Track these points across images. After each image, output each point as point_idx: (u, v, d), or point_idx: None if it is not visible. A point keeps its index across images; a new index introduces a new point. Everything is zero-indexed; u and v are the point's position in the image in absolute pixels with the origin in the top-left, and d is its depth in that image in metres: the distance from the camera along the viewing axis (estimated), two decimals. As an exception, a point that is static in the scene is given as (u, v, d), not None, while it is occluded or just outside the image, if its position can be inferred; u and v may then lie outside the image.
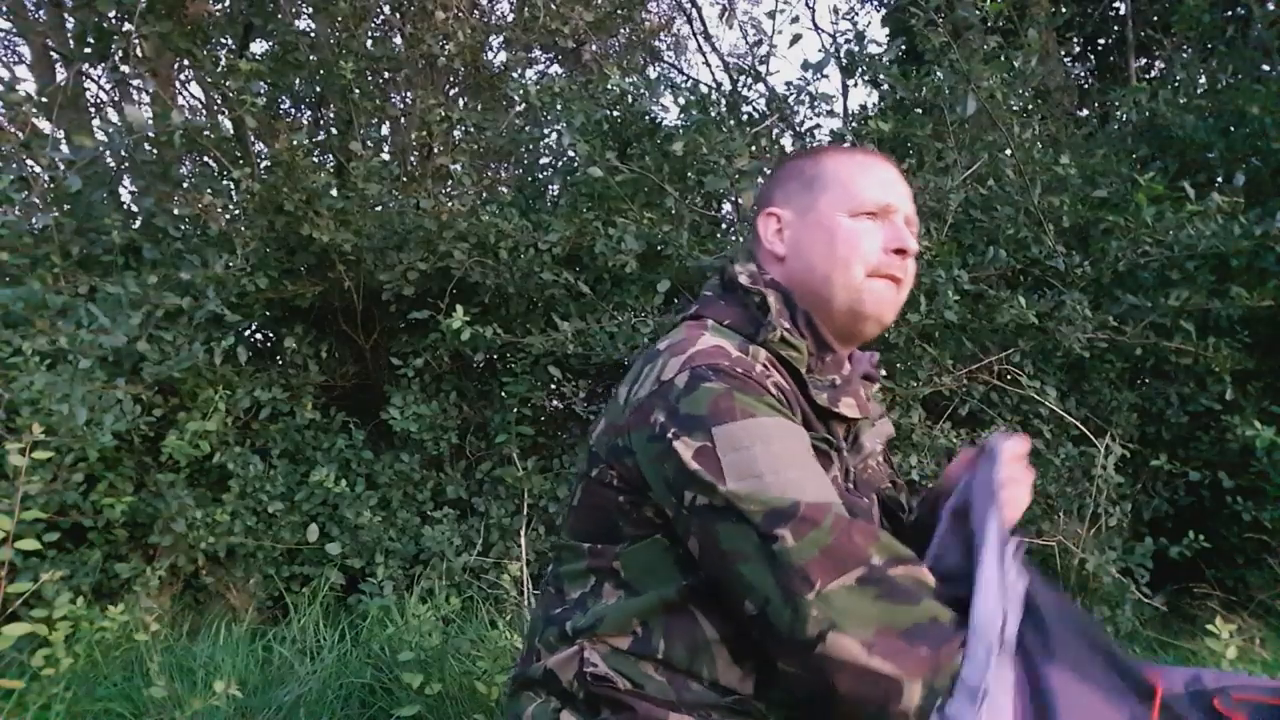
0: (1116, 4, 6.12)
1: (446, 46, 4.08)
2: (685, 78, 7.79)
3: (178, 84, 5.33)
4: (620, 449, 0.86)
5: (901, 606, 0.74)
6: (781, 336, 0.92)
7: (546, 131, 4.08)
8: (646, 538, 0.86)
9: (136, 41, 3.59)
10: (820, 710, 0.78)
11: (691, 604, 0.84)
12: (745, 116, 3.40)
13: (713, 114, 3.24)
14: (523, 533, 2.87)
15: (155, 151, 3.48)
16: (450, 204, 3.47)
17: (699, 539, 0.81)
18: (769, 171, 1.09)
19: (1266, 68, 3.92)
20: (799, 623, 0.73)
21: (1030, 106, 3.54)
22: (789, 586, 0.74)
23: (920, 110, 3.36)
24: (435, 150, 4.18)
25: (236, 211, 3.47)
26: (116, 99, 4.98)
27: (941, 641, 0.73)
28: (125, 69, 3.60)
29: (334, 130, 4.22)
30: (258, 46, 4.45)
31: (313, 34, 4.31)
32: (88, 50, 3.47)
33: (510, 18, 5.22)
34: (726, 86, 5.62)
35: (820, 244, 0.96)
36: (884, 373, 3.18)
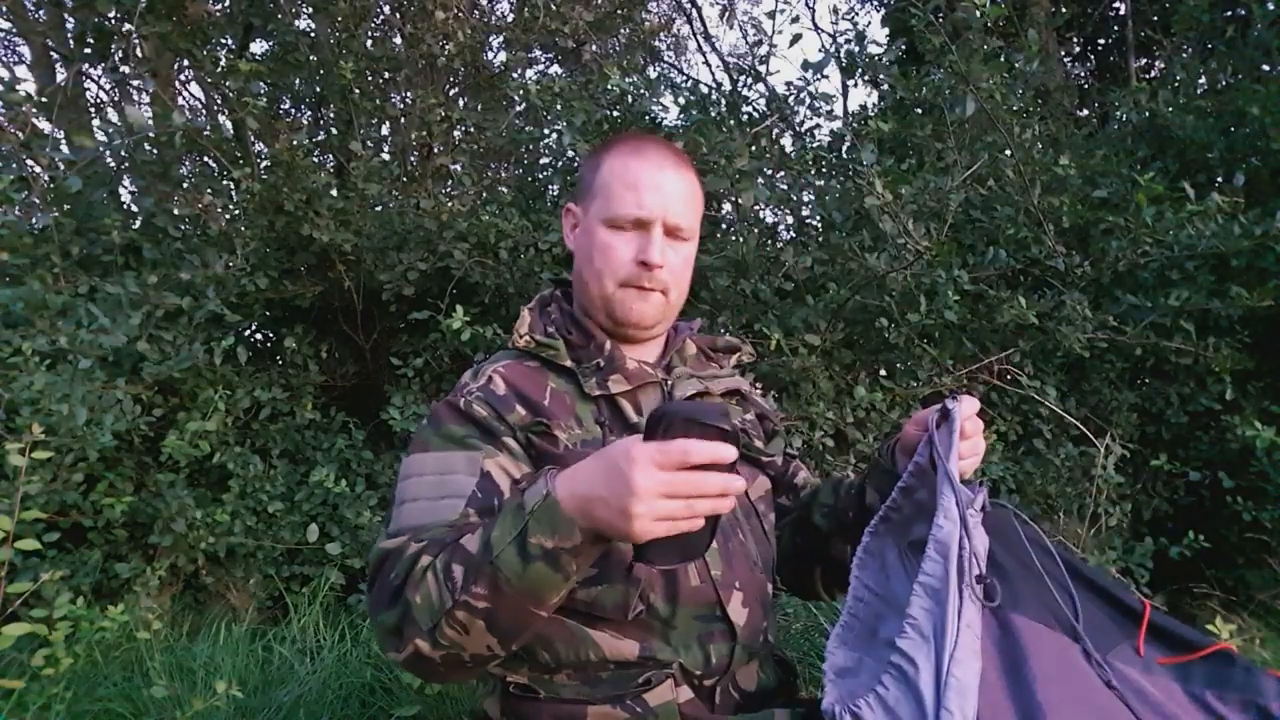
0: (1116, 4, 6.12)
1: (446, 46, 4.08)
2: (685, 78, 7.79)
3: (178, 84, 5.33)
4: None
5: (415, 598, 0.79)
6: (532, 341, 1.04)
7: (546, 131, 4.08)
8: None
9: (136, 41, 3.59)
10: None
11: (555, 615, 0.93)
12: (745, 116, 3.40)
13: (713, 114, 3.25)
14: (523, 533, 2.86)
15: (155, 151, 3.48)
16: (450, 204, 3.47)
17: None
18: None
19: (1266, 68, 3.92)
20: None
21: (1030, 107, 3.54)
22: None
23: (920, 110, 3.36)
24: (435, 150, 4.18)
25: (236, 211, 3.47)
26: (116, 99, 4.98)
27: (398, 595, 0.80)
28: (125, 69, 3.60)
29: (334, 130, 4.22)
30: (258, 46, 4.46)
31: (313, 34, 4.32)
32: (88, 50, 3.46)
33: (510, 18, 5.22)
34: (726, 86, 5.62)
35: (585, 251, 1.05)
36: (883, 372, 3.18)
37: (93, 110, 5.01)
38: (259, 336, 3.95)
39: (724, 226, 3.72)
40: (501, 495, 0.91)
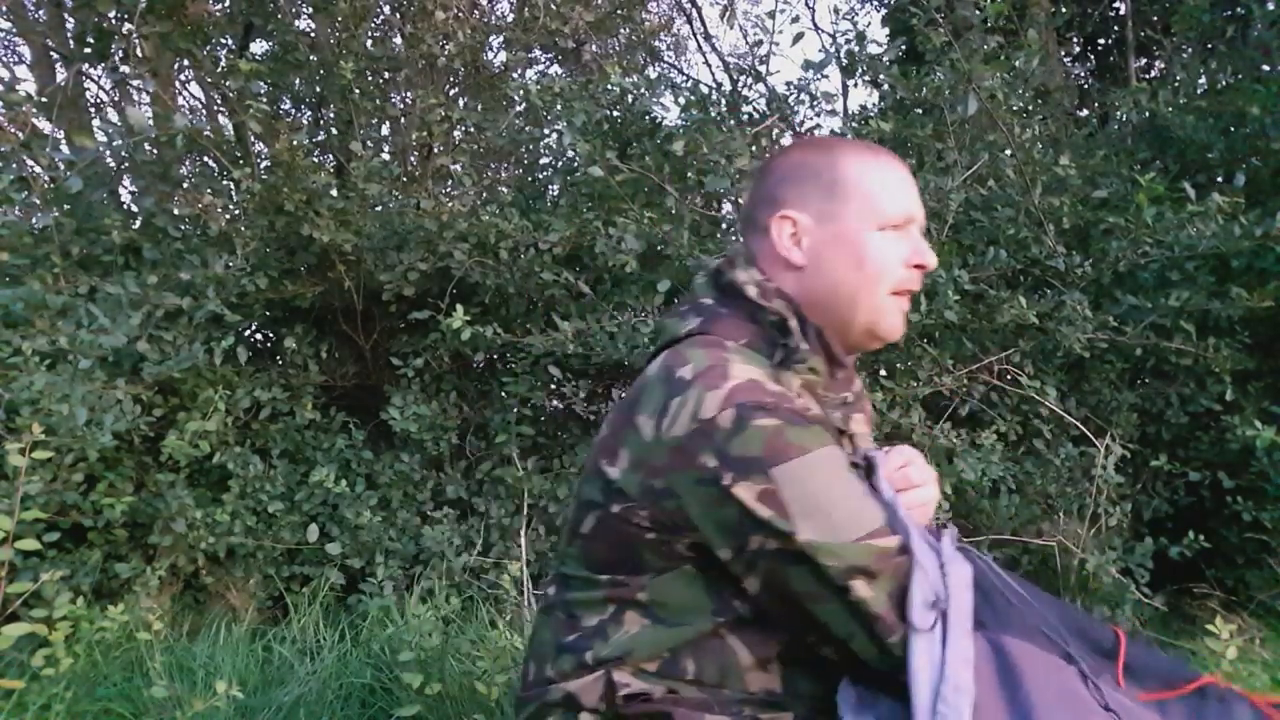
0: (1116, 4, 6.12)
1: (446, 46, 4.08)
2: (685, 78, 7.79)
3: (178, 84, 5.34)
4: (658, 491, 0.82)
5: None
6: (803, 362, 0.89)
7: (546, 131, 4.08)
8: (675, 568, 0.85)
9: (136, 41, 3.59)
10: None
11: (724, 631, 0.85)
12: (745, 116, 3.40)
13: (713, 114, 3.24)
14: (523, 533, 2.87)
15: (155, 152, 3.48)
16: (450, 204, 3.47)
17: (764, 579, 0.81)
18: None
19: (1266, 68, 3.92)
20: (886, 655, 0.79)
21: (1030, 107, 3.53)
22: (871, 630, 0.79)
23: (920, 110, 3.36)
24: (435, 150, 4.18)
25: (236, 211, 3.47)
26: (116, 99, 4.98)
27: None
28: (125, 69, 3.60)
29: (334, 130, 4.22)
30: (258, 46, 4.46)
31: (313, 34, 4.32)
32: (88, 50, 3.46)
33: (510, 18, 5.22)
34: (726, 86, 5.62)
35: (847, 259, 0.92)
36: (883, 372, 3.19)
37: (93, 110, 5.01)
38: (259, 336, 3.95)
39: (724, 226, 3.72)
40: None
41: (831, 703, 0.84)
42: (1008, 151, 3.02)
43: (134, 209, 3.54)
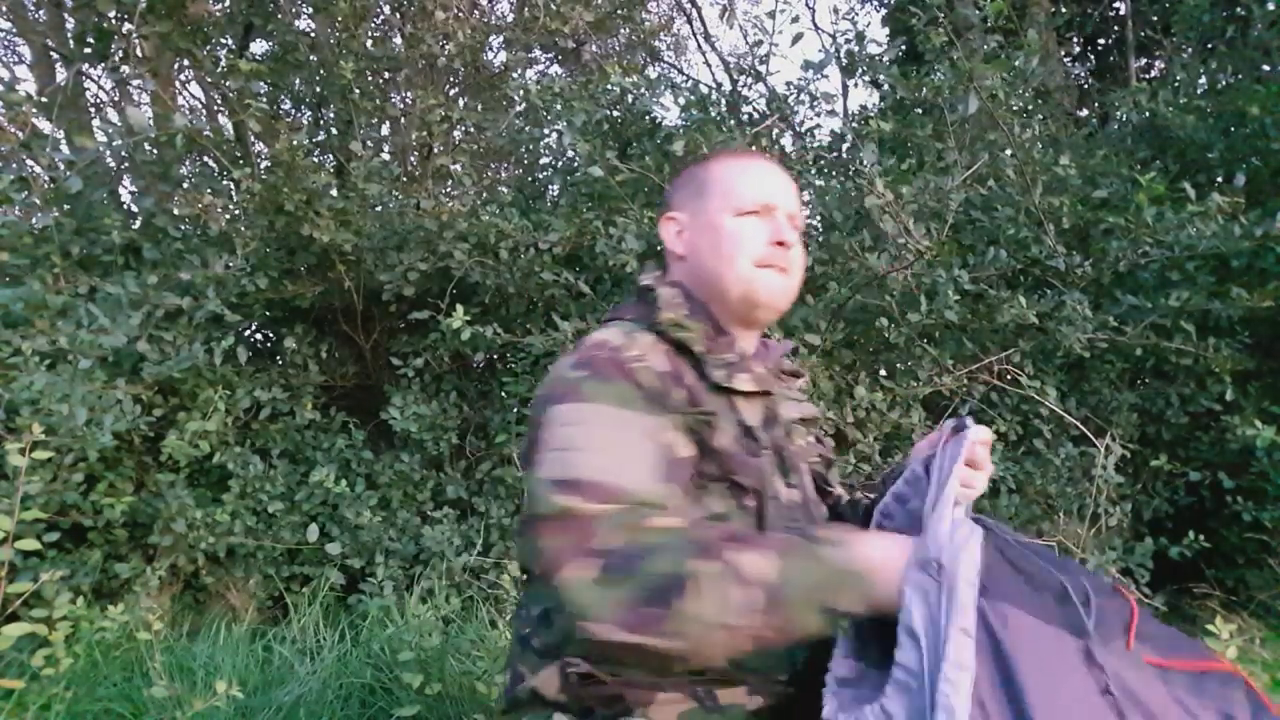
0: (1116, 4, 6.12)
1: (446, 46, 4.08)
2: (685, 78, 7.79)
3: (178, 84, 5.33)
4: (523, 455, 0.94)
5: (627, 580, 0.75)
6: (672, 320, 1.01)
7: (546, 131, 4.08)
8: None
9: (136, 41, 3.59)
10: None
11: None
12: (745, 116, 3.40)
13: (713, 114, 3.25)
14: (523, 533, 2.86)
15: (155, 152, 3.48)
16: (450, 204, 3.47)
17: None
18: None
19: (1266, 68, 3.92)
20: (557, 609, 0.77)
21: (1030, 106, 3.54)
22: (545, 570, 0.78)
23: (920, 110, 3.36)
24: (435, 150, 4.18)
25: (236, 211, 3.47)
26: (116, 99, 4.97)
27: (665, 595, 0.75)
28: (125, 69, 3.60)
29: (334, 130, 4.22)
30: (258, 46, 4.46)
31: (313, 34, 4.32)
32: (88, 50, 3.46)
33: (510, 18, 5.22)
34: (726, 86, 5.62)
35: (710, 243, 1.07)
36: (883, 372, 3.18)
37: (93, 110, 5.01)
38: (259, 336, 3.95)
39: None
40: (683, 476, 0.89)
41: (793, 674, 0.90)
42: (1008, 151, 3.02)
43: (134, 209, 3.54)
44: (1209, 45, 4.62)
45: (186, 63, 4.66)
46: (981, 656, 0.74)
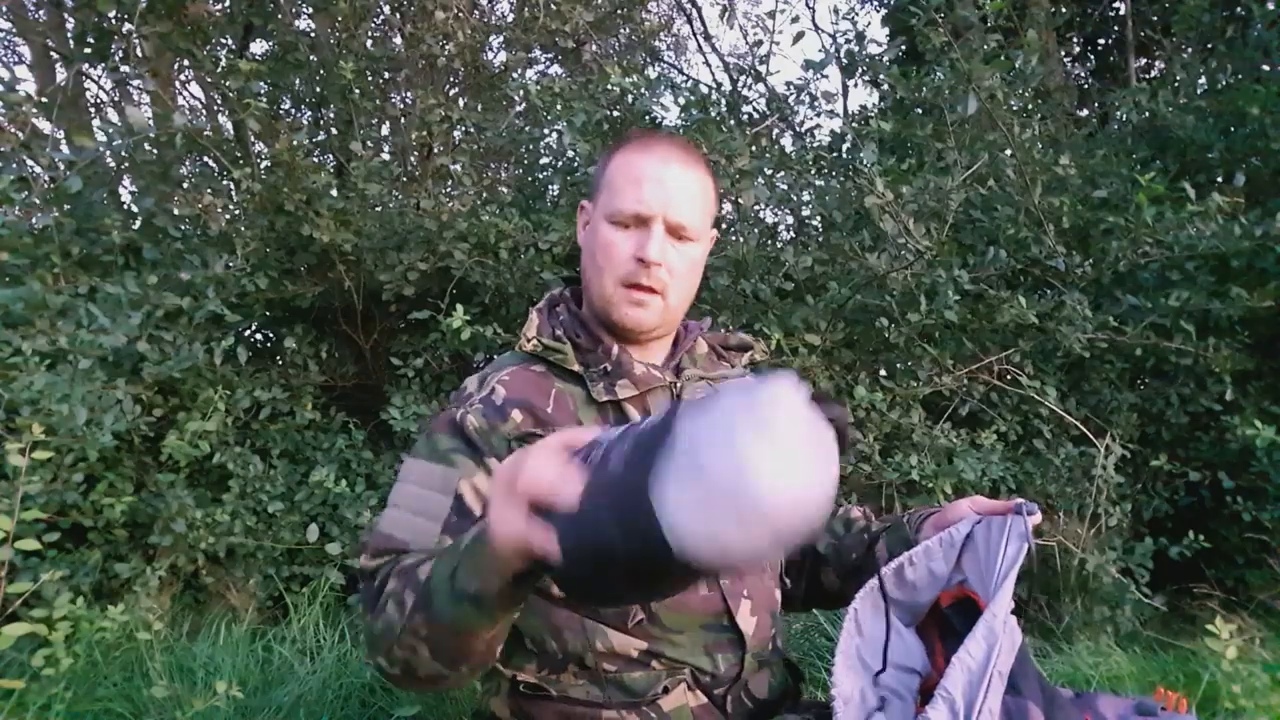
0: (1116, 4, 6.12)
1: (446, 46, 4.08)
2: (685, 78, 7.78)
3: (178, 84, 5.33)
4: None
5: (378, 621, 0.81)
6: (539, 345, 1.01)
7: (546, 131, 4.08)
8: None
9: (136, 41, 3.59)
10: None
11: (556, 604, 0.92)
12: (745, 116, 3.40)
13: (713, 114, 3.24)
14: (523, 533, 2.86)
15: (155, 152, 3.48)
16: (450, 204, 3.47)
17: None
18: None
19: (1266, 68, 3.92)
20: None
21: (1030, 106, 3.53)
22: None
23: (920, 110, 3.36)
24: (435, 150, 4.18)
25: (236, 211, 3.47)
26: (116, 99, 4.98)
27: (370, 622, 0.83)
28: (125, 69, 3.60)
29: (334, 130, 4.22)
30: (258, 46, 4.46)
31: (313, 34, 4.32)
32: (88, 50, 3.46)
33: (510, 18, 5.22)
34: (726, 86, 5.62)
35: (589, 248, 1.03)
36: (883, 372, 3.18)
37: (93, 110, 5.01)
38: (259, 336, 3.95)
39: (724, 226, 3.72)
40: (473, 519, 0.90)
41: (730, 686, 0.93)
42: (1008, 151, 3.02)
43: (134, 209, 3.53)
44: (1209, 45, 4.62)
45: (186, 63, 4.66)
46: None
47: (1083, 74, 6.89)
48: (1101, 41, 6.73)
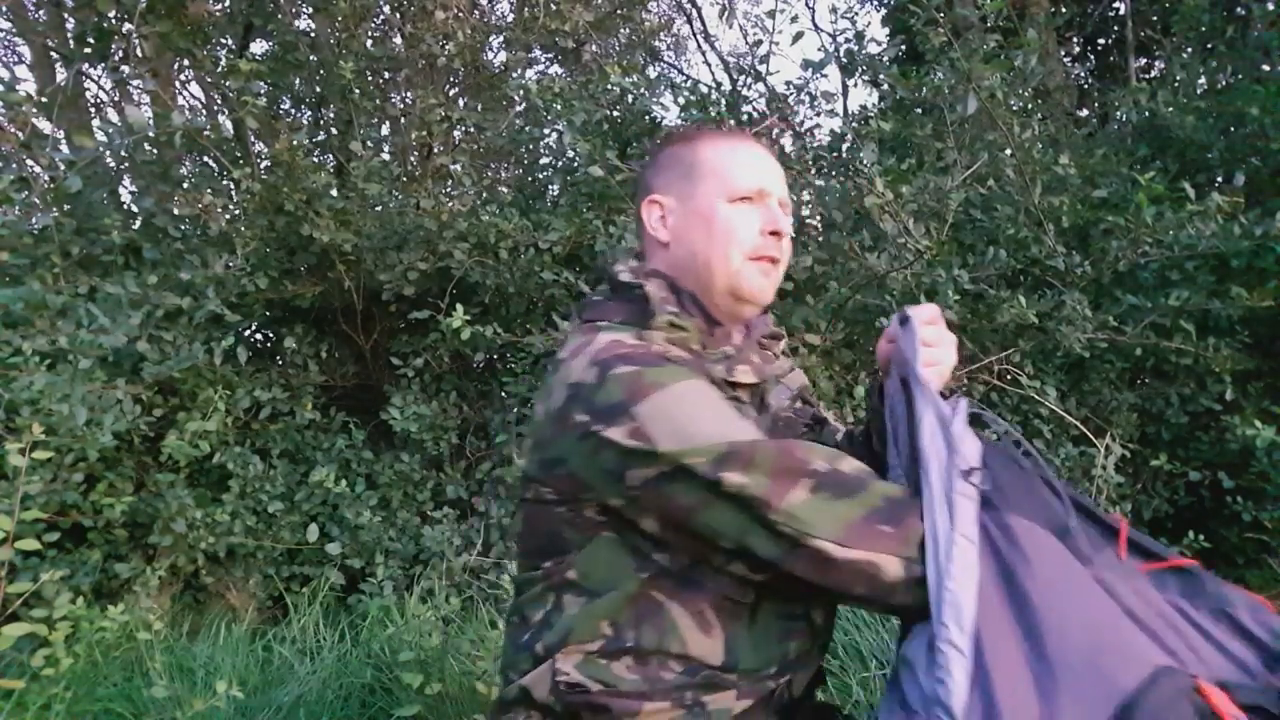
0: (1116, 4, 6.12)
1: (446, 46, 4.08)
2: (685, 78, 7.79)
3: (178, 84, 5.33)
4: (550, 462, 0.90)
5: (855, 498, 0.81)
6: (669, 321, 0.97)
7: (546, 131, 4.08)
8: (593, 538, 0.89)
9: (136, 41, 3.59)
10: (791, 661, 0.90)
11: (653, 590, 0.88)
12: (745, 116, 3.40)
13: (713, 114, 3.25)
14: (523, 533, 2.86)
15: (155, 151, 3.48)
16: (450, 204, 3.48)
17: (655, 510, 0.85)
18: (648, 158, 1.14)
19: (1266, 68, 3.92)
20: (774, 540, 0.81)
21: (1030, 106, 3.54)
22: (754, 513, 0.81)
23: (920, 110, 3.36)
24: (435, 150, 4.18)
25: (236, 211, 3.47)
26: (116, 99, 4.98)
27: (899, 516, 0.81)
28: (125, 69, 3.61)
29: (334, 130, 4.22)
30: (258, 46, 4.46)
31: (313, 34, 4.32)
32: (88, 50, 3.46)
33: (510, 18, 5.23)
34: (726, 86, 5.62)
35: (700, 230, 1.01)
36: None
37: (93, 110, 5.01)
38: (259, 336, 3.95)
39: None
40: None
41: (784, 664, 0.90)
42: (1008, 151, 3.02)
43: (134, 209, 3.54)
44: (1209, 45, 4.62)
45: (186, 63, 4.66)
46: (985, 558, 0.77)
47: (1083, 74, 6.90)
48: (1101, 41, 6.74)
